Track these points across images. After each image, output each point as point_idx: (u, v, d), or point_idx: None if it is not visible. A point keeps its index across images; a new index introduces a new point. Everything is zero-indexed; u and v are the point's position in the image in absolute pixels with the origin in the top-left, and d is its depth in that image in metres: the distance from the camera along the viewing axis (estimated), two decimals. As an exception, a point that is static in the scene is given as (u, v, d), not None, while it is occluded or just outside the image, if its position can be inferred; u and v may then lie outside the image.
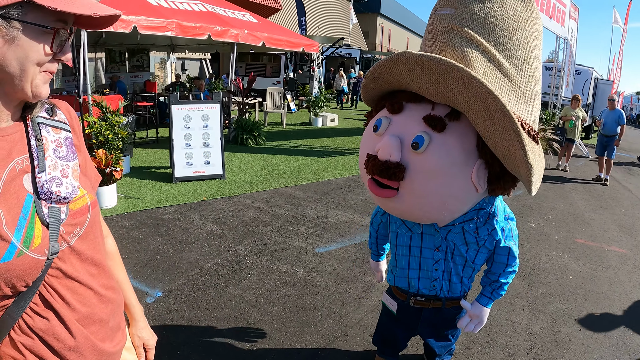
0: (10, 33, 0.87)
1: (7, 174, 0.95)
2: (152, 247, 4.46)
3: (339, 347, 3.03)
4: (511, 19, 1.74)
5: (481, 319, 2.22)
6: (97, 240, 1.16)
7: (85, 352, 1.11)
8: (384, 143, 1.75)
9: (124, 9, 7.46)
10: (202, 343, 3.01)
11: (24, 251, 0.94)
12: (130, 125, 7.80)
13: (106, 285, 1.18)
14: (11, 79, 0.92)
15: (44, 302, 1.03)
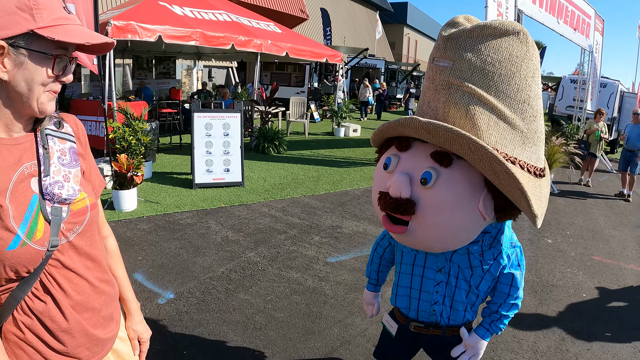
0: (19, 59, 1.04)
1: (17, 176, 1.12)
2: (168, 251, 4.60)
3: (342, 356, 3.09)
4: (508, 63, 1.76)
5: (476, 351, 2.17)
6: (95, 238, 1.31)
7: (76, 334, 1.25)
8: (395, 181, 1.82)
9: (150, 18, 7.71)
10: (208, 345, 3.11)
11: (27, 242, 1.10)
12: (153, 131, 8.02)
13: (100, 278, 1.33)
14: (20, 97, 1.09)
15: (44, 287, 1.19)
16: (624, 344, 3.59)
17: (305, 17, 24.73)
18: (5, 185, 1.09)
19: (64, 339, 1.23)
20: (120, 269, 1.53)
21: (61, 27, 1.07)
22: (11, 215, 1.08)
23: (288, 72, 18.25)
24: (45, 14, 1.05)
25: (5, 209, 1.07)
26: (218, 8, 10.04)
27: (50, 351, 1.22)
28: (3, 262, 1.07)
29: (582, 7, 12.97)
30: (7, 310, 1.16)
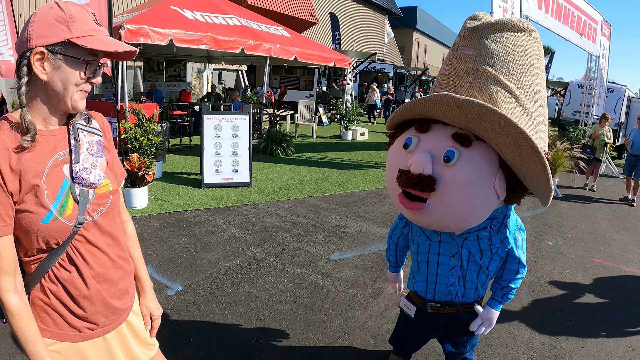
0: (56, 63, 1.26)
1: (52, 162, 1.33)
2: (177, 246, 4.78)
3: (341, 346, 3.24)
4: (524, 56, 1.94)
5: (491, 321, 2.41)
6: (115, 219, 1.52)
7: (95, 301, 1.45)
8: (417, 158, 1.94)
9: (162, 22, 7.92)
10: (213, 333, 3.28)
11: (58, 217, 1.31)
12: (164, 132, 8.22)
13: (119, 254, 1.53)
14: (57, 95, 1.30)
15: (69, 259, 1.40)
16: (618, 343, 3.65)
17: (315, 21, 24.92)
18: (42, 168, 1.30)
19: (84, 305, 1.43)
20: (137, 251, 1.73)
21: (92, 37, 1.29)
22: (46, 194, 1.29)
23: (297, 76, 18.47)
24: (79, 26, 1.27)
25: (41, 189, 1.29)
26: (228, 12, 10.24)
27: (72, 316, 1.43)
28: (36, 234, 1.29)
29: (588, 12, 13.00)
30: (36, 279, 1.37)
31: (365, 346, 3.25)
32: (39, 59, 1.25)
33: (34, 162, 1.29)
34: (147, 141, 6.62)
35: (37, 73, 1.25)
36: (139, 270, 1.74)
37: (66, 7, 1.26)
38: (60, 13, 1.25)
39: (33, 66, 1.24)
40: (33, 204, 1.27)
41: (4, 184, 1.24)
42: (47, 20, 1.24)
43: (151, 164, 6.17)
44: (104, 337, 1.52)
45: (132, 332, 1.65)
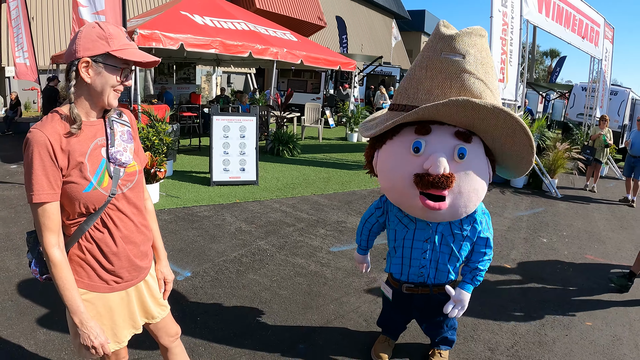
0: (98, 69, 1.64)
1: (92, 145, 1.70)
2: (186, 238, 5.11)
3: (335, 326, 3.53)
4: (489, 57, 2.28)
5: (463, 303, 2.64)
6: (140, 194, 1.92)
7: (122, 258, 1.83)
8: (435, 160, 2.17)
9: (173, 27, 8.27)
10: (219, 313, 3.60)
11: (97, 187, 1.68)
12: (174, 132, 8.57)
13: (142, 223, 1.92)
14: (97, 94, 1.68)
15: (102, 223, 1.77)
16: (603, 333, 3.75)
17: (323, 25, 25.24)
18: (85, 150, 1.68)
19: (113, 260, 1.80)
20: (155, 224, 2.10)
21: (126, 50, 1.66)
22: (88, 169, 1.67)
23: (304, 79, 18.79)
24: (116, 42, 1.64)
25: (84, 165, 1.66)
26: (237, 17, 10.59)
27: (102, 269, 1.80)
28: (79, 200, 1.66)
29: (590, 16, 13.13)
30: (75, 239, 1.74)
31: (358, 327, 3.53)
32: (85, 66, 1.62)
33: (79, 145, 1.66)
34: (158, 141, 6.97)
35: (83, 77, 1.62)
36: (156, 240, 2.10)
37: (106, 27, 1.64)
38: (101, 32, 1.62)
39: (80, 72, 1.61)
40: (78, 177, 1.64)
41: (55, 160, 1.59)
42: (91, 37, 1.62)
43: (162, 162, 6.51)
44: (126, 291, 1.89)
45: (149, 291, 2.01)
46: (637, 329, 3.86)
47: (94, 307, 1.80)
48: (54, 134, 1.59)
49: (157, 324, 2.12)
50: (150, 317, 2.06)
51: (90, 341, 1.72)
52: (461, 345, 3.39)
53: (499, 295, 4.29)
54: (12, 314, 3.42)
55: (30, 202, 1.61)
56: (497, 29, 9.24)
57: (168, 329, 2.21)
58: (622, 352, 3.48)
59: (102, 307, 1.83)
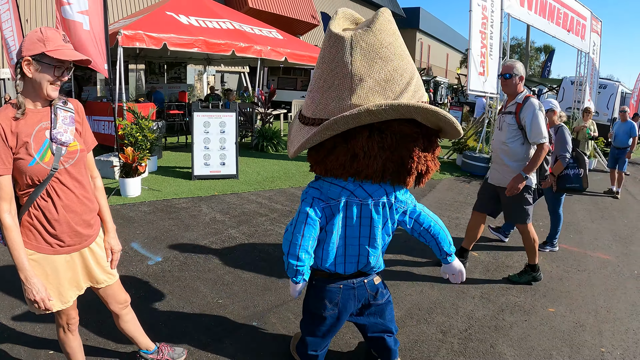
0: (36, 67, 1.94)
1: (37, 128, 2.00)
2: (162, 227, 5.35)
3: (289, 308, 3.71)
4: None
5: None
6: (82, 170, 2.18)
7: (62, 224, 2.12)
8: None
9: (157, 28, 8.48)
10: (182, 294, 3.81)
11: (39, 162, 1.98)
12: (160, 130, 8.78)
13: (83, 195, 2.20)
14: (38, 87, 1.98)
15: (47, 193, 2.06)
16: (565, 319, 3.74)
17: (317, 23, 25.35)
18: (30, 131, 1.98)
19: (55, 225, 2.10)
20: (103, 199, 2.40)
21: (58, 50, 1.94)
22: (32, 147, 1.97)
23: (294, 77, 18.98)
24: (51, 44, 1.93)
25: (29, 144, 1.97)
26: (222, 17, 10.79)
27: (46, 233, 2.10)
28: (25, 173, 1.97)
29: (576, 9, 13.19)
30: (26, 207, 2.06)
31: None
32: (27, 64, 1.92)
33: (26, 128, 1.97)
34: (142, 137, 7.18)
35: (26, 72, 1.93)
36: (104, 213, 2.39)
37: (45, 31, 1.95)
38: (40, 35, 1.93)
39: (23, 68, 1.93)
40: (24, 153, 1.95)
41: (6, 140, 1.92)
42: (32, 39, 1.93)
43: (144, 157, 6.73)
44: (70, 255, 2.18)
45: (94, 258, 2.31)
46: (603, 317, 3.83)
47: (41, 267, 2.10)
48: (5, 120, 1.92)
49: (105, 290, 2.40)
50: (95, 282, 2.34)
51: (32, 295, 2.02)
52: (413, 327, 3.46)
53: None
54: (-8, 295, 3.65)
55: None
56: (477, 23, 9.42)
57: (116, 296, 2.49)
58: (583, 338, 3.47)
59: (48, 268, 2.12)
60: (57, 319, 2.35)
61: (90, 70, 13.20)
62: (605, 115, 16.11)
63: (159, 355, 2.84)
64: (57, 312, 2.27)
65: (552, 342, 3.39)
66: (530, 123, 4.03)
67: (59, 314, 2.30)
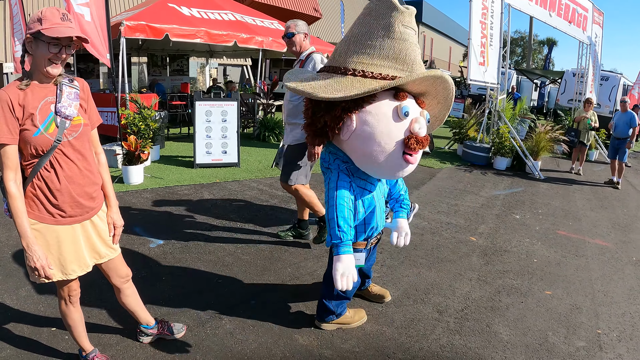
0: (36, 44, 2.02)
1: (43, 101, 2.10)
2: (164, 212, 5.43)
3: (288, 285, 3.80)
4: None
5: (406, 229, 2.94)
6: (85, 143, 2.26)
7: (64, 194, 2.19)
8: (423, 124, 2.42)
9: (159, 19, 8.53)
10: (183, 274, 3.89)
11: (43, 133, 2.07)
12: (162, 119, 8.85)
13: (86, 167, 2.26)
14: (39, 63, 2.06)
15: (50, 164, 2.14)
16: (562, 302, 3.78)
17: (319, 16, 25.31)
18: (37, 104, 2.08)
19: (57, 195, 2.17)
20: (106, 174, 2.46)
21: (53, 28, 1.98)
22: (38, 119, 2.07)
23: (297, 69, 18.96)
24: (47, 22, 1.99)
25: (35, 116, 2.06)
26: (224, 8, 10.83)
27: (48, 203, 2.17)
28: (30, 143, 2.05)
29: (577, 1, 13.17)
30: (30, 178, 2.13)
31: (310, 288, 3.76)
32: (29, 42, 2.02)
33: (32, 101, 2.06)
34: (144, 126, 7.25)
35: (28, 50, 2.05)
36: (107, 188, 2.45)
37: (44, 11, 2.02)
38: (39, 15, 2.01)
39: (27, 46, 2.03)
40: (29, 125, 2.04)
41: (13, 111, 2.01)
42: (33, 19, 2.02)
43: (146, 145, 6.80)
44: (72, 226, 2.25)
45: (96, 232, 2.37)
46: (600, 300, 3.88)
47: (43, 237, 2.17)
48: (13, 93, 2.02)
49: (107, 264, 2.47)
50: (98, 256, 2.40)
51: (33, 262, 2.09)
52: (410, 307, 3.52)
53: (457, 264, 4.41)
54: (-1, 276, 3.74)
55: None
56: (477, 13, 9.43)
57: (118, 270, 2.56)
58: (579, 320, 3.52)
59: (50, 238, 2.19)
60: (59, 291, 2.42)
61: (93, 62, 13.28)
62: (607, 107, 16.09)
63: (159, 330, 2.92)
64: (58, 284, 2.35)
65: (548, 323, 3.43)
66: None
67: (60, 286, 2.37)
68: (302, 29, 4.13)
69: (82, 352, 2.63)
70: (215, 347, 2.92)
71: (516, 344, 3.14)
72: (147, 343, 2.91)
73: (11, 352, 2.78)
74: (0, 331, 2.99)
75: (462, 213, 6.15)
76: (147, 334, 2.89)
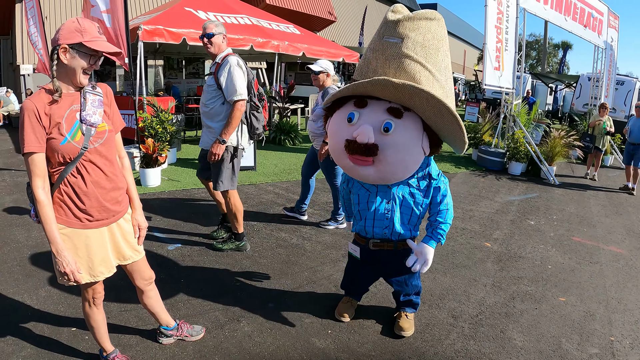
0: (72, 54, 2.09)
1: (69, 110, 2.16)
2: (181, 215, 5.51)
3: (305, 290, 3.85)
4: (436, 40, 2.47)
5: (425, 258, 2.82)
6: (111, 149, 2.33)
7: (91, 198, 2.26)
8: (362, 130, 2.47)
9: (176, 23, 8.65)
10: (201, 277, 3.97)
11: (70, 141, 2.13)
12: (179, 123, 8.96)
13: (111, 172, 2.34)
14: (72, 73, 2.14)
15: (77, 170, 2.20)
16: (576, 309, 3.79)
17: (333, 20, 25.44)
18: (63, 113, 2.14)
19: (84, 200, 2.24)
20: (130, 178, 2.54)
21: (95, 42, 2.10)
22: (64, 128, 2.13)
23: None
24: (88, 35, 2.09)
25: (62, 124, 2.12)
26: (240, 12, 10.93)
27: (75, 208, 2.24)
28: (58, 151, 2.12)
29: (592, 4, 13.04)
30: (57, 184, 2.19)
31: (327, 292, 3.84)
32: (64, 51, 2.07)
33: (58, 110, 2.12)
34: (162, 129, 7.37)
35: (62, 59, 2.08)
36: (131, 192, 2.53)
37: (82, 22, 2.10)
38: (78, 26, 2.08)
39: (60, 55, 2.07)
40: (56, 133, 2.11)
41: (40, 121, 2.07)
42: (70, 29, 2.08)
43: (164, 148, 6.91)
44: (99, 230, 2.31)
45: (122, 234, 2.44)
46: (613, 307, 3.88)
47: (71, 241, 2.24)
48: (39, 102, 2.07)
49: (131, 265, 2.55)
50: (122, 258, 2.48)
51: (62, 267, 2.17)
52: (425, 312, 3.57)
53: (472, 269, 4.44)
54: (19, 276, 3.85)
55: (23, 153, 2.09)
56: (492, 17, 9.43)
57: (142, 273, 2.64)
58: (593, 327, 3.52)
59: (78, 241, 2.26)
60: (83, 293, 2.49)
61: (110, 65, 13.49)
62: (623, 112, 15.96)
63: (179, 331, 2.99)
64: (83, 286, 2.42)
65: (561, 329, 3.45)
66: (225, 80, 3.95)
67: (85, 288, 2.44)
68: (221, 30, 4.07)
69: (103, 353, 2.70)
70: (233, 349, 2.98)
71: (530, 350, 3.16)
72: (167, 344, 2.98)
73: (32, 351, 2.87)
74: (21, 330, 3.08)
75: (477, 219, 6.16)
76: (166, 335, 2.97)
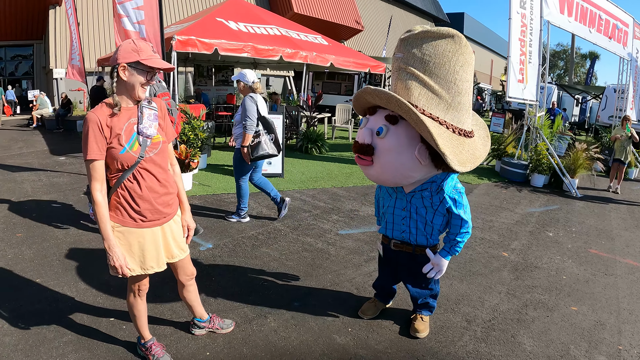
0: (131, 72, 2.37)
1: (128, 123, 2.42)
2: (213, 218, 5.86)
3: (329, 291, 4.11)
4: (441, 55, 2.64)
5: (440, 268, 3.12)
6: (164, 158, 2.61)
7: (146, 201, 2.54)
8: (360, 133, 2.90)
9: (208, 33, 9.02)
10: (231, 276, 4.27)
11: (129, 151, 2.40)
12: (209, 129, 9.34)
13: (164, 178, 2.61)
14: (131, 89, 2.42)
15: (133, 176, 2.48)
16: (587, 318, 3.88)
17: (361, 29, 25.70)
18: (122, 125, 2.40)
19: (139, 203, 2.52)
20: (181, 183, 2.84)
21: (151, 59, 2.37)
22: (123, 139, 2.39)
23: (338, 82, 19.37)
24: (144, 53, 2.36)
25: (121, 136, 2.39)
26: (269, 23, 11.31)
27: (131, 209, 2.52)
28: (117, 160, 2.39)
29: (617, 15, 12.94)
30: (115, 188, 2.48)
31: (348, 293, 4.09)
32: (123, 69, 2.34)
33: (118, 122, 2.38)
34: (193, 136, 7.74)
35: (122, 76, 2.35)
36: (181, 195, 2.83)
37: (138, 43, 2.37)
38: (134, 46, 2.35)
39: (119, 73, 2.34)
40: (116, 143, 2.37)
41: (102, 132, 2.33)
42: (127, 49, 2.35)
43: (196, 154, 7.27)
44: (152, 229, 2.60)
45: (172, 235, 2.74)
46: (624, 318, 3.95)
47: (125, 238, 2.52)
48: (102, 115, 2.34)
49: (177, 263, 2.87)
50: (170, 256, 2.79)
51: (113, 261, 2.46)
52: (440, 315, 3.75)
53: (488, 277, 4.59)
54: (58, 270, 4.22)
55: (85, 160, 2.35)
56: (516, 30, 9.57)
57: (185, 269, 2.96)
58: (602, 335, 3.61)
59: (132, 239, 2.54)
60: (129, 285, 2.79)
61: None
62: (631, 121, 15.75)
63: (211, 324, 3.30)
64: (131, 279, 2.71)
65: (571, 337, 3.58)
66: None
67: (133, 281, 2.74)
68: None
69: (141, 340, 2.99)
70: (260, 342, 3.27)
71: (538, 355, 3.34)
72: (199, 335, 3.28)
73: (72, 337, 3.19)
74: (62, 319, 3.41)
75: (497, 229, 6.33)
76: (199, 326, 3.28)
